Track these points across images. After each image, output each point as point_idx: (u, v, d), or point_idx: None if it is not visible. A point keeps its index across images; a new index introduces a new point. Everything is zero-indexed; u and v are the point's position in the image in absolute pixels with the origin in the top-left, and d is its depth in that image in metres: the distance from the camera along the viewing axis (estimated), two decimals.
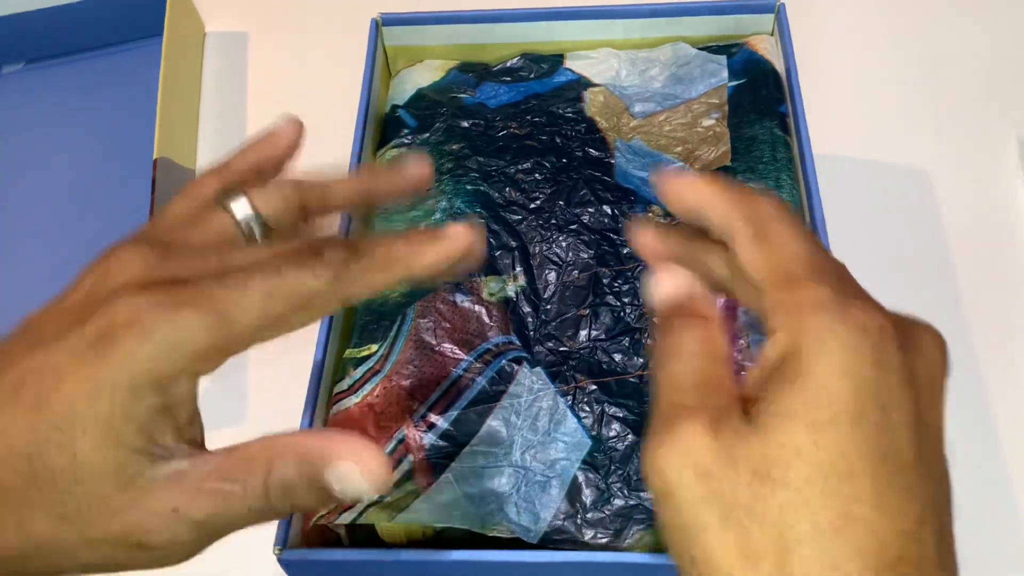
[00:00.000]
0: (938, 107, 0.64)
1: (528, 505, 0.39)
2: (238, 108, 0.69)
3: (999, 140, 0.62)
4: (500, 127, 0.51)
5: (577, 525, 0.39)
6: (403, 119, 0.53)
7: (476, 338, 0.44)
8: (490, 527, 0.38)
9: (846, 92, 0.65)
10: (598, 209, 0.48)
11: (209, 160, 0.67)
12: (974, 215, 0.60)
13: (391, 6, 0.56)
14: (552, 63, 0.54)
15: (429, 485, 0.40)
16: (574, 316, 0.45)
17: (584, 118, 0.51)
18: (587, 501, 0.39)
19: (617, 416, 0.41)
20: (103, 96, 0.71)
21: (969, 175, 0.61)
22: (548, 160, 0.50)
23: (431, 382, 0.42)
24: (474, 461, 0.40)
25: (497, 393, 0.42)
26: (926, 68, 0.66)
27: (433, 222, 0.48)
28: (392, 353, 0.43)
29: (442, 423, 0.41)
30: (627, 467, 0.40)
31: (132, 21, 0.71)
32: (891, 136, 0.63)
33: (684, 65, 0.53)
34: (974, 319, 0.56)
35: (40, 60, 0.73)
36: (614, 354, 0.43)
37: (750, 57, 0.52)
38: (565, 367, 0.43)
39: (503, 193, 0.49)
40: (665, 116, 0.51)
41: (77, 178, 0.67)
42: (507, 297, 0.45)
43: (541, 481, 0.40)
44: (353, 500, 0.27)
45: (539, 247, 0.47)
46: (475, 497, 0.39)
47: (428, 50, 0.55)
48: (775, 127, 0.49)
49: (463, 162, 0.50)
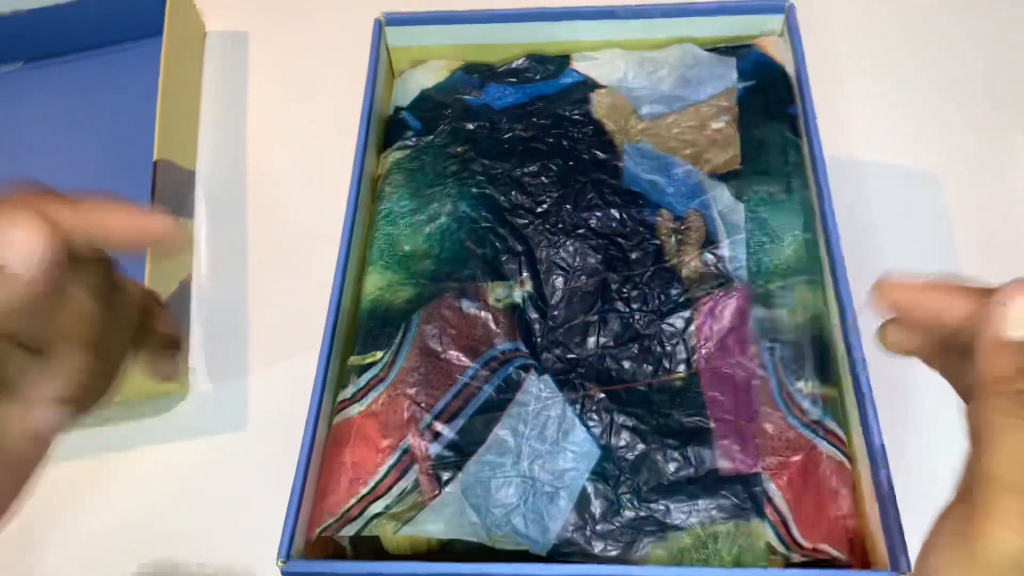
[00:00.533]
0: (948, 110, 0.63)
1: (536, 516, 0.38)
2: (238, 109, 0.69)
3: (1009, 145, 0.62)
4: (506, 129, 0.51)
5: (586, 537, 0.38)
6: (407, 121, 0.52)
7: (482, 345, 0.43)
8: (497, 539, 0.38)
9: (856, 94, 0.65)
10: (606, 213, 0.47)
11: (209, 162, 0.66)
12: (984, 219, 0.59)
13: (394, 6, 0.55)
14: (558, 64, 0.53)
15: (435, 496, 0.39)
16: (582, 322, 0.44)
17: (591, 120, 0.50)
18: (596, 512, 0.38)
19: (627, 425, 0.41)
20: (102, 96, 0.70)
21: (979, 179, 0.61)
22: (555, 163, 0.49)
23: (437, 390, 0.42)
24: (480, 471, 0.39)
25: (504, 401, 0.41)
26: (937, 70, 0.65)
27: (439, 226, 0.47)
28: (397, 360, 0.43)
29: (448, 432, 0.40)
30: (637, 478, 0.39)
31: (132, 21, 0.71)
32: (901, 139, 0.63)
33: (693, 66, 0.52)
34: None
35: (39, 60, 0.72)
36: (623, 361, 0.43)
37: (759, 58, 0.51)
38: (573, 375, 0.42)
39: (509, 196, 0.48)
40: (673, 118, 0.50)
41: (76, 178, 0.66)
42: (514, 303, 0.45)
43: (549, 492, 0.39)
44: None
45: (546, 252, 0.46)
46: (482, 508, 0.38)
47: (432, 51, 0.54)
48: (785, 129, 0.48)
49: (468, 165, 0.49)
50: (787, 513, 0.37)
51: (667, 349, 0.43)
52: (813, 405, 0.40)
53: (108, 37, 0.72)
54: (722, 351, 0.42)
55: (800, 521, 0.37)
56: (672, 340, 0.43)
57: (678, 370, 0.42)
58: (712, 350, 0.42)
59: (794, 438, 0.39)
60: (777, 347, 0.42)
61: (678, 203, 0.47)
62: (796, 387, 0.40)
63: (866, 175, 0.61)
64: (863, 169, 0.61)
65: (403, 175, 0.49)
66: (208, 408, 0.56)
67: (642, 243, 0.46)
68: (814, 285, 0.43)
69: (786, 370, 0.41)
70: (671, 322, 0.43)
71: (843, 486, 0.38)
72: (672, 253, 0.45)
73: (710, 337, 0.43)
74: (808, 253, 0.44)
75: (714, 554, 0.37)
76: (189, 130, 0.67)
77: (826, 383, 0.41)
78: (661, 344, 0.43)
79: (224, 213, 0.64)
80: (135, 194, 0.63)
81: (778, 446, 0.39)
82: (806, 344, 0.41)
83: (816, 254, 0.44)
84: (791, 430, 0.39)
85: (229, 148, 0.67)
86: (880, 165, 0.61)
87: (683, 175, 0.48)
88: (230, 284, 0.61)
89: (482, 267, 0.46)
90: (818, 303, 0.43)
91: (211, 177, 0.66)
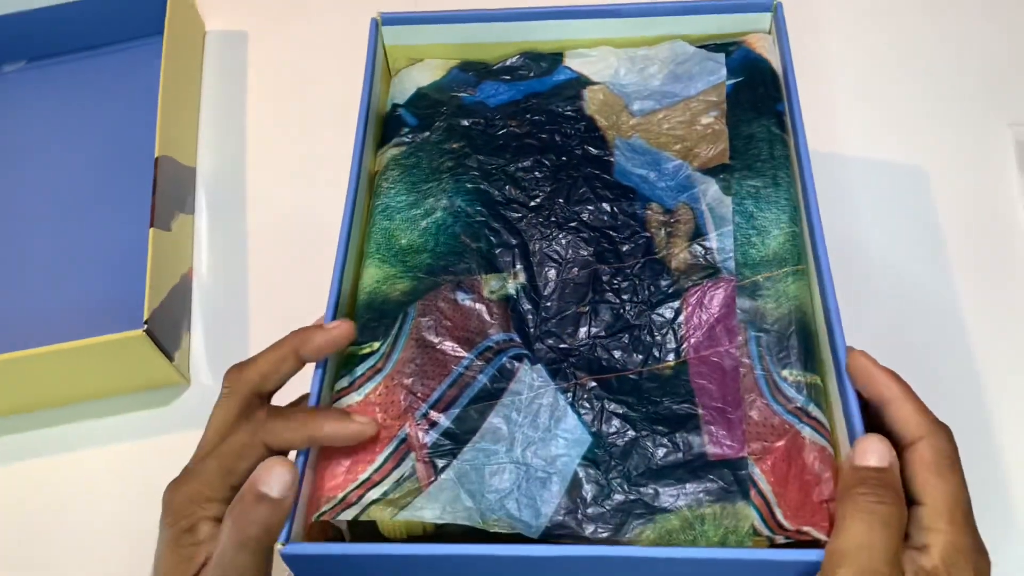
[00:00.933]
0: (935, 106, 0.64)
1: (529, 501, 0.39)
2: (238, 106, 0.70)
3: (997, 140, 0.63)
4: (500, 126, 0.52)
5: (578, 520, 0.39)
6: (404, 118, 0.53)
7: (477, 336, 0.44)
8: (491, 523, 0.39)
9: (843, 90, 0.66)
10: (597, 207, 0.48)
11: (210, 158, 0.67)
12: (971, 215, 0.60)
13: (391, 5, 0.56)
14: (551, 62, 0.54)
15: (431, 482, 0.40)
16: (574, 313, 0.45)
17: (584, 116, 0.52)
18: (587, 496, 0.39)
19: (617, 412, 0.42)
20: (103, 95, 0.71)
21: (966, 175, 0.62)
22: (548, 158, 0.50)
23: (433, 380, 0.43)
24: (475, 458, 0.41)
25: (498, 391, 0.43)
26: (924, 67, 0.66)
27: (434, 220, 0.48)
28: (394, 351, 0.44)
29: (444, 421, 0.42)
30: (627, 463, 0.40)
31: (132, 20, 0.71)
32: (888, 135, 0.64)
33: (683, 63, 0.53)
34: (971, 318, 0.57)
35: (41, 59, 0.73)
36: (614, 351, 0.44)
37: (747, 56, 0.52)
38: (565, 364, 0.44)
39: (503, 191, 0.49)
40: (664, 114, 0.51)
41: (78, 177, 0.67)
42: (507, 295, 0.46)
43: (542, 477, 0.40)
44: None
45: (539, 245, 0.47)
46: (476, 493, 0.40)
47: (428, 49, 0.55)
48: (772, 125, 0.49)
49: (463, 160, 0.50)
50: (771, 496, 0.38)
51: (656, 338, 0.44)
52: (797, 392, 0.41)
53: (109, 36, 0.73)
54: (710, 340, 0.43)
55: (784, 504, 0.38)
56: (661, 330, 0.44)
57: (667, 359, 0.43)
58: (700, 339, 0.43)
59: (778, 424, 0.40)
60: (763, 336, 0.43)
61: (668, 197, 0.48)
62: (781, 375, 0.42)
63: (853, 170, 0.62)
64: (850, 164, 0.62)
65: (399, 171, 0.51)
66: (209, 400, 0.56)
67: (633, 236, 0.47)
68: (799, 276, 0.44)
69: (771, 358, 0.42)
70: (660, 312, 0.45)
71: (826, 471, 0.39)
72: (662, 245, 0.47)
73: (698, 327, 0.44)
74: (793, 245, 0.45)
75: (701, 535, 0.38)
76: (189, 127, 0.68)
77: (810, 371, 0.42)
78: (651, 334, 0.44)
79: (224, 208, 0.65)
80: (136, 191, 0.65)
81: (763, 432, 0.40)
82: (791, 333, 0.43)
83: (801, 246, 0.46)
84: (775, 416, 0.40)
85: (229, 145, 0.68)
86: (868, 160, 0.62)
87: (673, 170, 0.49)
88: (230, 278, 0.62)
89: (477, 260, 0.47)
90: (803, 294, 0.44)
91: (211, 173, 0.67)
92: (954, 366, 0.55)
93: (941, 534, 0.35)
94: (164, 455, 0.56)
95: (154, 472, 0.55)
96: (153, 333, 0.53)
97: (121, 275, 0.62)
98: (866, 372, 0.39)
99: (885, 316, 0.57)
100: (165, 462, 0.55)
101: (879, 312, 0.57)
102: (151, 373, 0.56)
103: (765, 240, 0.46)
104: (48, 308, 0.61)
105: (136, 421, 0.58)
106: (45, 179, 0.68)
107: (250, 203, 0.65)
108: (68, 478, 0.56)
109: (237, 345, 0.59)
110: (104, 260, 0.63)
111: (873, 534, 0.34)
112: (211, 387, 0.58)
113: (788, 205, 0.47)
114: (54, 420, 0.58)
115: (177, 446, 0.56)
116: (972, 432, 0.52)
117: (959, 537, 0.35)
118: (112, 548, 0.53)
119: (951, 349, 0.56)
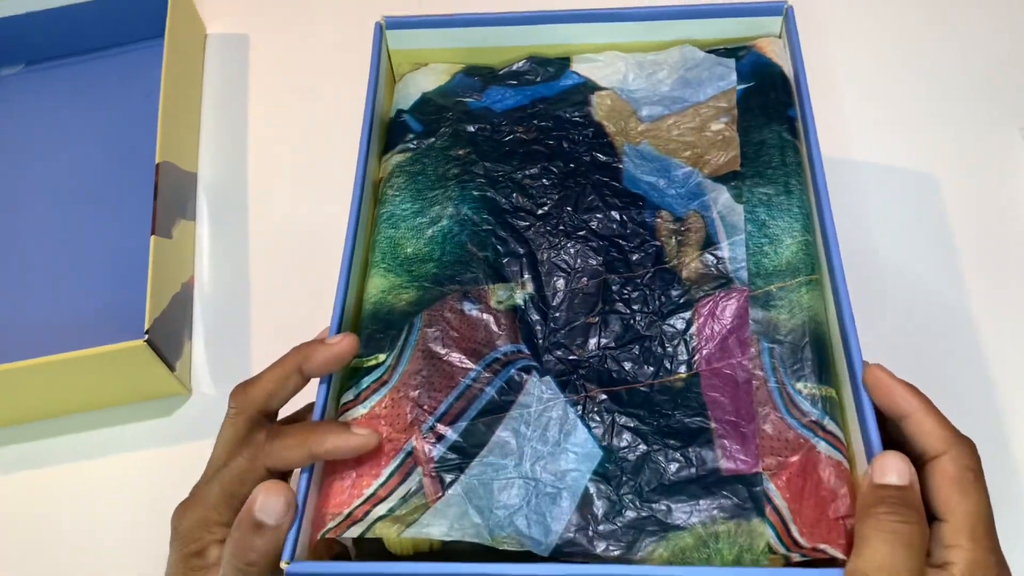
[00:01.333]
0: (946, 111, 0.64)
1: (538, 517, 0.39)
2: (240, 111, 0.69)
3: (1007, 145, 0.62)
4: (507, 132, 0.51)
5: (589, 537, 0.38)
6: (408, 124, 0.52)
7: (484, 347, 0.43)
8: (500, 540, 0.38)
9: (855, 95, 0.65)
10: (606, 215, 0.47)
11: (211, 164, 0.66)
12: (982, 219, 0.59)
13: (395, 9, 0.55)
14: (558, 66, 0.53)
15: (438, 497, 0.39)
16: (583, 324, 0.44)
17: (591, 122, 0.51)
18: (598, 513, 0.39)
19: (628, 426, 0.41)
20: (103, 98, 0.71)
21: (977, 180, 0.61)
22: (555, 165, 0.49)
23: (439, 393, 0.42)
24: (483, 473, 0.40)
25: (506, 403, 0.42)
26: (934, 71, 0.66)
27: (440, 229, 0.47)
28: (400, 363, 0.43)
29: (451, 434, 0.41)
30: (638, 478, 0.39)
31: (133, 23, 0.71)
32: (900, 140, 0.63)
33: (692, 68, 0.52)
34: (983, 323, 0.56)
35: (40, 62, 0.73)
36: (624, 363, 0.43)
37: (758, 60, 0.52)
38: (575, 376, 0.43)
39: (510, 199, 0.48)
40: (673, 120, 0.51)
41: (78, 181, 0.67)
42: (515, 305, 0.45)
43: (551, 493, 0.39)
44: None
45: (547, 254, 0.46)
46: (485, 509, 0.39)
47: (433, 53, 0.54)
48: (784, 131, 0.49)
49: (469, 167, 0.49)
50: (786, 513, 0.38)
51: (668, 350, 0.43)
52: (812, 406, 0.40)
53: (109, 40, 0.72)
54: (722, 352, 0.42)
55: (800, 521, 0.37)
56: (673, 341, 0.43)
57: (679, 371, 0.42)
58: (712, 351, 0.43)
59: (793, 438, 0.39)
60: (776, 348, 0.42)
61: (678, 205, 0.47)
62: (795, 388, 0.41)
63: (864, 176, 0.61)
64: (862, 170, 0.61)
65: (404, 178, 0.50)
66: (211, 410, 0.56)
67: (642, 244, 0.46)
68: (813, 286, 0.44)
69: (785, 371, 0.41)
70: (672, 323, 0.44)
71: (842, 487, 0.38)
72: (672, 254, 0.46)
73: (710, 338, 0.43)
74: (807, 254, 0.44)
75: (715, 553, 0.37)
76: (190, 133, 0.67)
77: (824, 383, 0.41)
78: (662, 345, 0.43)
79: (226, 215, 0.64)
80: (137, 196, 0.64)
81: (777, 446, 0.39)
82: (805, 345, 0.42)
83: (815, 255, 0.45)
84: (790, 430, 0.40)
85: (230, 150, 0.67)
86: (878, 166, 0.62)
87: (683, 177, 0.48)
88: (232, 286, 0.61)
89: (483, 269, 0.46)
90: (817, 304, 0.43)
91: (213, 179, 0.66)
92: (969, 374, 0.54)
93: (963, 551, 0.34)
94: (166, 466, 0.55)
95: (156, 483, 0.55)
96: (154, 343, 0.52)
97: (121, 283, 0.61)
98: (884, 386, 0.38)
99: (897, 324, 0.56)
100: (167, 473, 0.54)
101: (891, 320, 0.56)
102: (152, 383, 0.55)
103: (778, 249, 0.45)
104: (48, 317, 0.61)
105: (137, 432, 0.57)
106: (44, 184, 0.67)
107: (252, 209, 0.64)
108: (69, 489, 0.55)
109: (239, 354, 0.58)
110: (104, 268, 0.62)
111: (896, 555, 0.33)
112: (212, 397, 0.57)
113: (800, 213, 0.46)
114: (55, 431, 0.57)
115: (178, 457, 0.56)
116: (988, 441, 0.51)
117: (981, 554, 0.34)
118: (114, 559, 0.53)
119: (966, 357, 0.55)
